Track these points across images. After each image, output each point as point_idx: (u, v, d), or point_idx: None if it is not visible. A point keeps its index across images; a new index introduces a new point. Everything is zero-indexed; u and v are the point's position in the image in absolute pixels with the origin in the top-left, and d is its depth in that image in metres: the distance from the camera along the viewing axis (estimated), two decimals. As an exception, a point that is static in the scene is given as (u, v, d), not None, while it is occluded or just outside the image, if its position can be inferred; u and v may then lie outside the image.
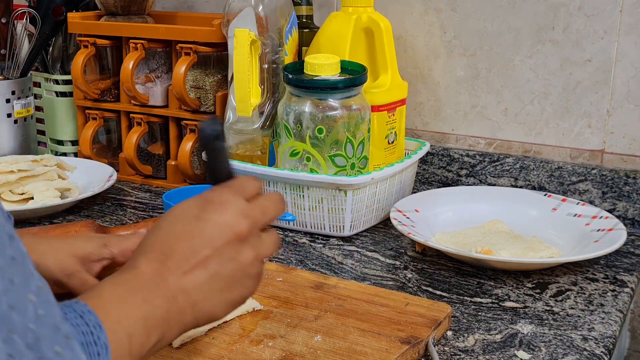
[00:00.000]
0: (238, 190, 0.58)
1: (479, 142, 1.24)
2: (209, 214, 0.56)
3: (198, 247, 0.54)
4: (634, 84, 1.11)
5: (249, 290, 0.57)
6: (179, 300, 0.53)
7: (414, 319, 0.76)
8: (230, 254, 0.55)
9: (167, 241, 0.55)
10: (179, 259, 0.54)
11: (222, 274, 0.55)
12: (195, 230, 0.55)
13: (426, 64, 1.25)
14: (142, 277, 0.53)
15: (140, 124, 1.27)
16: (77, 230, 0.96)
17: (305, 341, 0.71)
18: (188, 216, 0.56)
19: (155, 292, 0.52)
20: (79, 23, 1.30)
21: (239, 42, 1.05)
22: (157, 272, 0.53)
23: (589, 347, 0.75)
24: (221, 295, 0.55)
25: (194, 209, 0.56)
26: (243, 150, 1.14)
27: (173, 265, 0.54)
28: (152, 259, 0.54)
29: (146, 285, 0.53)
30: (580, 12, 1.12)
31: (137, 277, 0.53)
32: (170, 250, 0.54)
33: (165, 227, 0.56)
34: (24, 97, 1.34)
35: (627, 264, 0.97)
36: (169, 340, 0.54)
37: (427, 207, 1.05)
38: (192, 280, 0.54)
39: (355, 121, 1.03)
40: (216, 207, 0.56)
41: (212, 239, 0.55)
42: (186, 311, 0.54)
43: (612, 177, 1.12)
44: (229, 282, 0.56)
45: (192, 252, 0.54)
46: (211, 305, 0.55)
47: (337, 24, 1.11)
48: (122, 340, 0.48)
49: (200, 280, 0.54)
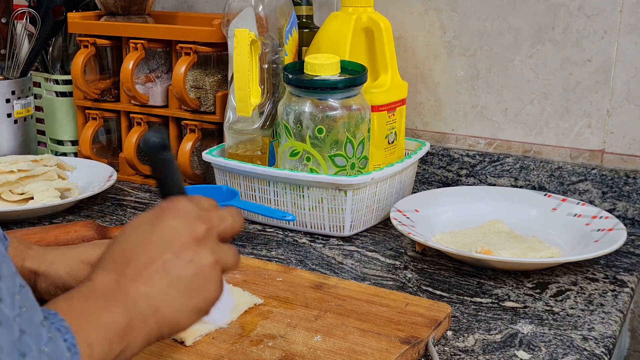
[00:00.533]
0: (193, 199, 0.58)
1: (479, 142, 1.24)
2: (164, 220, 0.55)
3: (156, 252, 0.54)
4: (634, 84, 1.11)
5: (212, 295, 0.56)
6: (140, 308, 0.52)
7: (414, 319, 0.76)
8: (189, 257, 0.55)
9: (123, 251, 0.55)
10: (137, 266, 0.53)
11: (183, 278, 0.54)
12: (151, 237, 0.55)
13: (426, 64, 1.25)
14: (98, 288, 0.52)
15: (140, 124, 1.27)
16: (77, 230, 0.96)
17: (305, 341, 0.71)
18: (144, 225, 0.56)
19: (114, 301, 0.51)
20: (79, 23, 1.30)
21: (239, 42, 1.05)
22: (114, 282, 0.53)
23: (589, 347, 0.75)
24: (183, 300, 0.54)
25: (150, 217, 0.56)
26: (243, 150, 1.14)
27: (131, 273, 0.53)
28: (109, 270, 0.54)
29: (103, 295, 0.52)
30: (580, 12, 1.12)
31: (93, 289, 0.52)
32: (128, 259, 0.54)
33: (122, 239, 0.56)
34: (24, 97, 1.34)
35: (627, 264, 0.97)
36: (134, 351, 0.52)
37: (427, 207, 1.05)
38: (152, 286, 0.53)
39: (355, 121, 1.03)
40: (171, 213, 0.56)
41: (170, 243, 0.54)
42: (149, 318, 0.52)
43: (612, 177, 1.12)
44: (190, 286, 0.54)
45: (149, 258, 0.54)
46: (174, 311, 0.54)
47: (337, 24, 1.11)
48: (83, 351, 0.47)
49: (160, 285, 0.53)
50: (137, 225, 0.56)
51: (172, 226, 0.55)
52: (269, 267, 0.89)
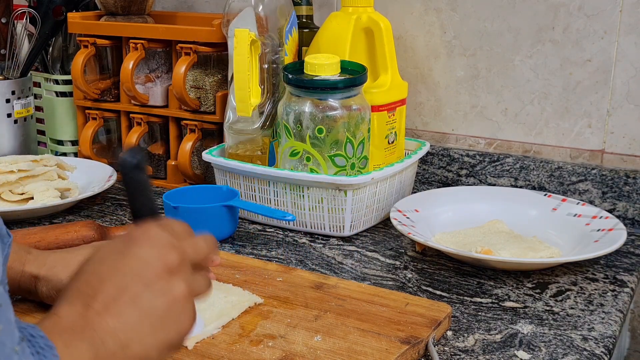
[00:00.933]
0: (165, 226, 0.55)
1: (479, 142, 1.24)
2: (134, 249, 0.52)
3: (125, 284, 0.50)
4: (634, 84, 1.11)
5: (184, 328, 0.53)
6: (108, 344, 0.48)
7: (413, 319, 0.76)
8: (161, 288, 0.51)
9: (90, 282, 0.51)
10: (104, 299, 0.50)
11: (154, 311, 0.51)
12: (120, 267, 0.51)
13: (426, 64, 1.25)
14: (62, 324, 0.49)
15: (140, 124, 1.27)
16: (77, 230, 0.96)
17: (305, 341, 0.71)
18: (112, 254, 0.53)
19: (80, 337, 0.48)
20: (79, 23, 1.30)
21: (239, 42, 1.05)
22: (80, 316, 0.49)
23: (589, 347, 0.75)
24: (155, 334, 0.51)
25: (118, 245, 0.53)
26: (243, 150, 1.14)
27: (98, 306, 0.49)
28: (74, 303, 0.50)
29: (67, 330, 0.48)
30: (580, 12, 1.12)
31: (56, 324, 0.49)
32: (95, 291, 0.50)
33: (88, 268, 0.52)
34: (24, 97, 1.34)
35: (627, 264, 0.97)
36: None
37: (427, 207, 1.05)
38: (121, 320, 0.49)
39: (355, 121, 1.03)
40: (142, 241, 0.53)
41: (140, 274, 0.51)
42: (117, 355, 0.49)
43: (612, 177, 1.12)
44: (162, 319, 0.51)
45: (118, 289, 0.50)
46: (144, 346, 0.50)
47: (337, 24, 1.11)
48: None
49: (130, 319, 0.50)
50: (104, 254, 0.53)
51: (143, 255, 0.52)
52: (269, 267, 0.89)
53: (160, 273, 0.52)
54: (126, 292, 0.50)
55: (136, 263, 0.52)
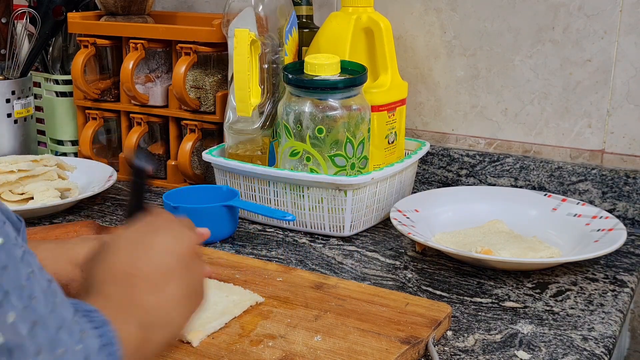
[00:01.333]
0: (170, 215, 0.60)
1: (479, 142, 1.24)
2: (165, 229, 0.57)
3: (162, 261, 0.54)
4: (634, 84, 1.11)
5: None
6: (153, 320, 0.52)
7: (413, 319, 0.76)
8: (192, 265, 0.56)
9: (130, 262, 0.53)
10: (147, 277, 0.53)
11: (188, 286, 0.55)
12: (155, 244, 0.55)
13: (426, 64, 1.25)
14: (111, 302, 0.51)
15: (140, 124, 1.27)
16: (77, 230, 0.96)
17: (305, 341, 0.71)
18: (145, 234, 0.56)
19: (129, 315, 0.50)
20: (79, 23, 1.30)
21: (239, 42, 1.05)
22: (127, 295, 0.52)
23: (589, 347, 0.75)
24: (188, 307, 0.55)
25: (146, 226, 0.57)
26: (243, 150, 1.14)
27: (143, 285, 0.52)
28: (119, 284, 0.52)
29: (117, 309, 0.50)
30: (580, 12, 1.12)
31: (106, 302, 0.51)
32: (137, 270, 0.53)
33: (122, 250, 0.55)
34: (24, 97, 1.34)
35: (627, 264, 0.97)
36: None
37: (427, 207, 1.05)
38: (163, 298, 0.53)
39: (355, 121, 1.03)
40: (170, 221, 0.58)
41: (175, 251, 0.55)
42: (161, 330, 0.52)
43: (612, 177, 1.12)
44: (193, 293, 0.56)
45: (157, 267, 0.54)
46: (180, 319, 0.54)
47: (337, 24, 1.11)
48: None
49: (170, 296, 0.53)
50: (136, 235, 0.56)
51: (176, 234, 0.56)
52: (269, 267, 0.89)
53: (190, 251, 0.56)
54: (164, 270, 0.54)
55: (171, 241, 0.56)
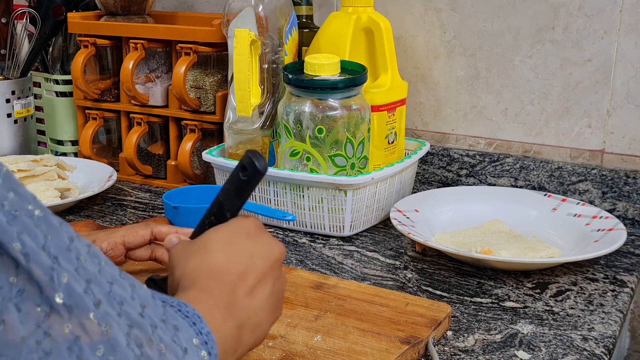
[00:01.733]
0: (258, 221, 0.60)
1: (479, 142, 1.24)
2: (260, 235, 0.57)
3: (259, 266, 0.55)
4: (634, 84, 1.11)
5: (281, 312, 0.59)
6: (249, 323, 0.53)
7: (413, 319, 0.76)
8: (280, 273, 0.58)
9: (230, 262, 0.54)
10: (248, 281, 0.54)
11: (277, 292, 0.57)
12: (253, 250, 0.56)
13: (426, 64, 1.25)
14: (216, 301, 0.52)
15: (140, 124, 1.27)
16: (77, 230, 0.96)
17: (305, 341, 0.71)
18: (241, 238, 0.56)
19: (229, 315, 0.52)
20: (79, 23, 1.30)
21: (239, 42, 1.05)
22: (229, 296, 0.53)
23: (589, 347, 0.75)
24: (275, 313, 0.57)
25: (239, 230, 0.57)
26: (243, 150, 1.14)
27: (245, 288, 0.54)
28: (224, 282, 0.53)
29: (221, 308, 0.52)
30: (580, 12, 1.12)
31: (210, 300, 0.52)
32: (238, 273, 0.54)
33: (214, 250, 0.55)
34: (24, 97, 1.34)
35: (627, 264, 0.97)
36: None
37: (427, 207, 1.05)
38: (258, 302, 0.54)
39: (355, 121, 1.03)
40: (262, 230, 0.58)
41: (269, 257, 0.56)
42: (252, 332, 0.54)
43: (612, 177, 1.12)
44: (279, 299, 0.58)
45: (255, 272, 0.55)
46: (269, 324, 0.56)
47: (337, 24, 1.11)
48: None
49: (263, 301, 0.55)
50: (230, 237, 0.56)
51: (268, 242, 0.57)
52: (269, 267, 0.89)
53: (278, 260, 0.58)
54: (260, 275, 0.55)
55: (264, 248, 0.57)
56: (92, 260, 0.41)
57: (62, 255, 0.38)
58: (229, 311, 0.52)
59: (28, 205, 0.38)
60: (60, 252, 0.38)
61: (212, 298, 0.52)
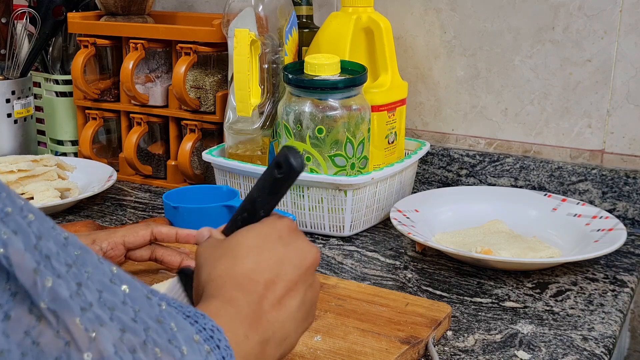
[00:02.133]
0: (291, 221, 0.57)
1: (479, 142, 1.24)
2: (291, 238, 0.54)
3: (289, 276, 0.52)
4: (634, 84, 1.11)
5: (313, 320, 0.56)
6: (276, 335, 0.51)
7: (413, 319, 0.76)
8: (312, 281, 0.55)
9: (258, 271, 0.52)
10: (276, 291, 0.51)
11: (308, 303, 0.54)
12: (283, 257, 0.53)
13: (426, 64, 1.25)
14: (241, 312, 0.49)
15: (140, 124, 1.27)
16: (77, 230, 0.96)
17: (305, 341, 0.71)
18: (272, 242, 0.53)
19: (254, 327, 0.49)
20: (79, 23, 1.30)
21: (239, 42, 1.05)
22: (256, 306, 0.50)
23: (589, 347, 0.75)
24: (304, 324, 0.54)
25: (270, 233, 0.54)
26: (243, 150, 1.14)
27: (273, 298, 0.51)
28: (250, 292, 0.50)
29: (246, 320, 0.49)
30: (580, 12, 1.12)
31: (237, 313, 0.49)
32: (266, 282, 0.51)
33: (242, 256, 0.52)
34: (24, 97, 1.34)
35: (627, 264, 0.97)
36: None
37: (427, 207, 1.05)
38: (286, 313, 0.51)
39: (355, 121, 1.03)
40: (297, 233, 0.55)
41: (300, 266, 0.53)
42: (278, 346, 0.51)
43: (612, 177, 1.12)
44: (310, 310, 0.55)
45: (284, 281, 0.52)
46: (297, 335, 0.53)
47: (337, 24, 1.11)
48: None
49: (292, 311, 0.52)
50: (260, 242, 0.53)
51: (302, 248, 0.54)
52: (269, 267, 0.89)
53: (311, 267, 0.54)
54: (290, 284, 0.52)
55: (295, 254, 0.53)
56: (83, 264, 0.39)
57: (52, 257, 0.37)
58: (254, 326, 0.49)
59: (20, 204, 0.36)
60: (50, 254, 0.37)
61: (237, 311, 0.49)
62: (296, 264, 0.53)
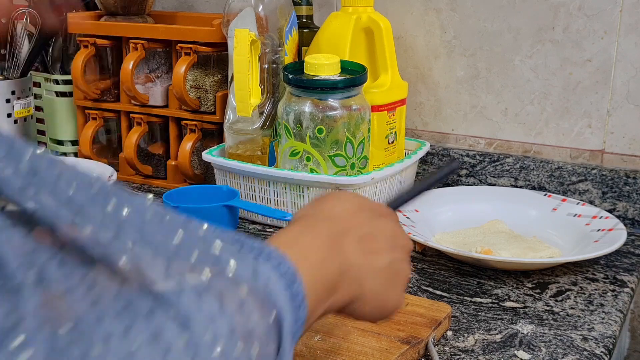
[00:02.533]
0: None
1: (479, 142, 1.24)
2: (390, 218, 0.58)
3: (377, 237, 0.55)
4: (634, 84, 1.11)
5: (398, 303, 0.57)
6: (350, 273, 0.51)
7: (414, 319, 0.76)
8: (401, 255, 0.57)
9: (347, 218, 0.54)
10: (359, 238, 0.53)
11: (395, 267, 0.55)
12: (375, 223, 0.56)
13: (426, 64, 1.25)
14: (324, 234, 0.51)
15: (140, 124, 1.27)
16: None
17: (305, 341, 0.71)
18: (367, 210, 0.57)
19: (335, 255, 0.50)
20: (79, 23, 1.30)
21: (239, 42, 1.05)
22: (339, 238, 0.51)
23: (589, 347, 0.75)
24: (382, 291, 0.54)
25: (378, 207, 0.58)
26: (243, 150, 1.14)
27: (353, 237, 0.53)
28: (336, 223, 0.53)
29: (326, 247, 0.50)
30: (580, 12, 1.12)
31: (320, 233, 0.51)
32: (356, 225, 0.54)
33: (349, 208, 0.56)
34: (24, 97, 1.34)
35: (627, 264, 0.97)
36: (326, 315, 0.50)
37: (427, 207, 1.05)
38: (368, 255, 0.53)
39: (355, 121, 1.03)
40: (395, 216, 0.60)
41: (393, 234, 0.56)
42: (352, 286, 0.51)
43: (612, 177, 1.12)
44: (396, 276, 0.56)
45: (371, 237, 0.54)
46: (371, 293, 0.53)
47: (337, 24, 1.11)
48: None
49: (374, 261, 0.53)
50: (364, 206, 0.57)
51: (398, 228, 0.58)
52: (269, 267, 0.89)
53: (405, 246, 0.58)
54: (374, 243, 0.54)
55: (389, 227, 0.57)
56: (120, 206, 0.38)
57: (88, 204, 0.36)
58: (332, 251, 0.50)
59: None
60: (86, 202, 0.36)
61: (318, 236, 0.50)
62: (389, 234, 0.56)
